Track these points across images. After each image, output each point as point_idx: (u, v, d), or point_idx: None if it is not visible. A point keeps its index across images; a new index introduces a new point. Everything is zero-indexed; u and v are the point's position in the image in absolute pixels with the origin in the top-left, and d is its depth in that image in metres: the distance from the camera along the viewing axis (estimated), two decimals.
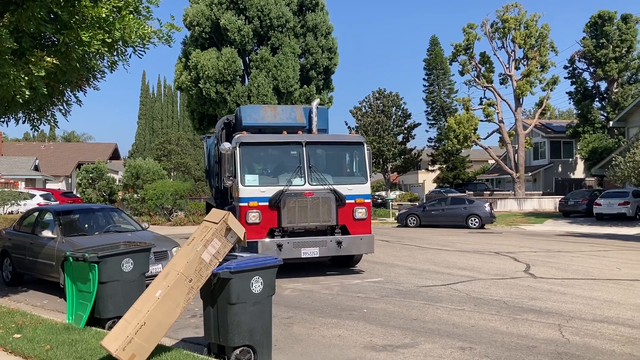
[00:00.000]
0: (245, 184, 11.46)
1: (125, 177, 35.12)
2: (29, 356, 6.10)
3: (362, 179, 12.30)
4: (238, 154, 11.58)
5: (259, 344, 6.08)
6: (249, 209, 11.36)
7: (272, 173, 12.15)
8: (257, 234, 11.26)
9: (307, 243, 11.58)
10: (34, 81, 8.36)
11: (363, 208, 12.05)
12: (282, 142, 12.11)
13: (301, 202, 11.46)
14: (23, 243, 11.42)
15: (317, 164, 11.97)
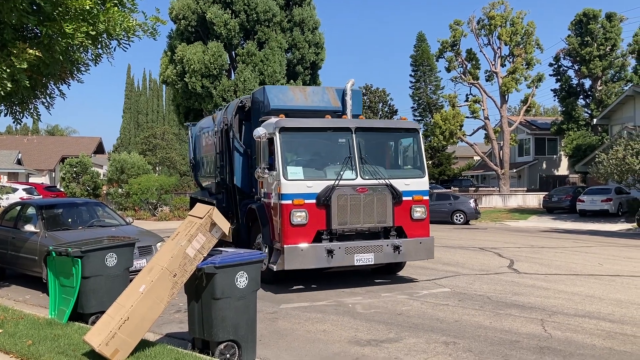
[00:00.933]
0: (289, 178, 9.69)
1: (109, 172, 34.81)
2: (10, 351, 6.04)
3: (419, 172, 10.67)
4: (278, 142, 9.82)
5: (243, 339, 6.07)
6: (295, 207, 9.61)
7: (316, 164, 10.38)
8: (302, 238, 9.63)
9: (362, 248, 9.86)
10: (16, 73, 8.25)
11: (422, 206, 10.42)
12: (329, 128, 10.35)
13: (354, 200, 9.83)
14: (5, 237, 11.28)
15: (368, 154, 10.31)
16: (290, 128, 10.05)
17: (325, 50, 32.50)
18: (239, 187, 12.09)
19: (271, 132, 9.98)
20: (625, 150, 23.58)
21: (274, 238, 10.02)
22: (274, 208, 9.96)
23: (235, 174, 12.08)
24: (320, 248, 9.62)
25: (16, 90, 8.78)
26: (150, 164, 40.33)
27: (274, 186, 9.91)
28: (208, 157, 15.00)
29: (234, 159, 12.12)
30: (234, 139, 12.15)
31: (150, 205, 30.12)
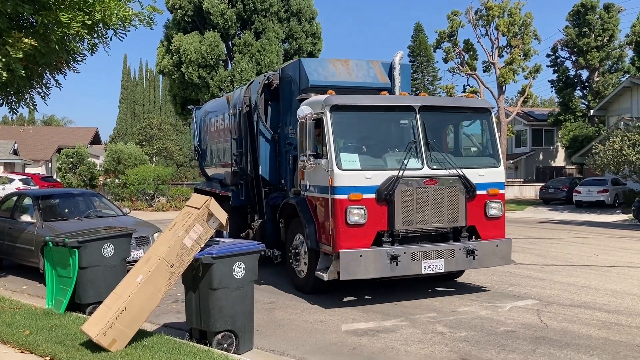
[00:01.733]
0: (343, 167, 8.04)
1: (106, 162, 34.73)
2: (7, 341, 6.05)
3: (493, 161, 9.04)
4: (329, 123, 8.18)
5: (240, 329, 6.10)
6: (351, 203, 7.93)
7: (374, 151, 8.74)
8: (360, 241, 7.96)
9: (430, 253, 8.20)
10: (11, 63, 8.20)
11: (498, 202, 8.81)
12: (390, 106, 8.78)
13: (421, 194, 8.21)
14: (2, 228, 11.26)
15: (434, 139, 8.71)
16: (344, 106, 8.37)
17: (322, 41, 32.41)
18: (265, 177, 10.56)
19: (319, 111, 8.32)
20: (622, 142, 23.61)
21: (322, 240, 8.35)
22: (322, 204, 8.35)
23: (261, 162, 10.50)
24: (382, 253, 7.93)
25: (12, 80, 8.73)
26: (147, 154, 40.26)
27: (323, 177, 8.25)
28: (218, 144, 13.66)
29: (259, 145, 10.53)
30: (259, 122, 10.55)
31: (147, 196, 30.10)
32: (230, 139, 12.20)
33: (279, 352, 6.27)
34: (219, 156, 13.61)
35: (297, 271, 9.08)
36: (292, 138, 9.68)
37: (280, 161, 10.40)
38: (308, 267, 8.69)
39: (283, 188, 10.21)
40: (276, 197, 10.37)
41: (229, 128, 12.36)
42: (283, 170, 10.23)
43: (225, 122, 12.72)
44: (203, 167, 15.02)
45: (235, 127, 11.76)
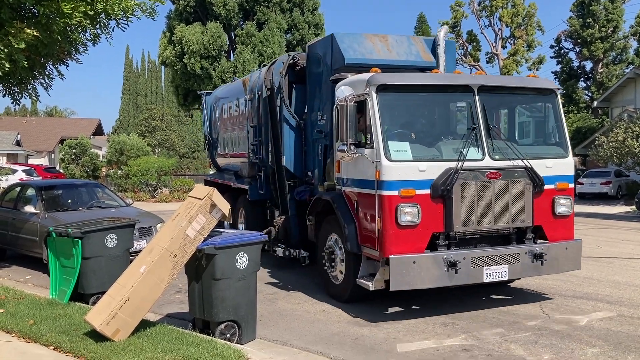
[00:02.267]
0: (393, 158, 6.88)
1: (109, 153, 34.75)
2: (12, 331, 6.09)
3: (561, 150, 7.92)
4: (375, 106, 7.03)
5: (243, 319, 6.12)
6: (403, 200, 6.79)
7: (426, 139, 7.63)
8: (413, 244, 6.85)
9: (492, 259, 7.10)
10: (13, 53, 8.21)
11: (567, 197, 7.72)
12: (445, 86, 7.63)
13: (483, 189, 7.07)
14: (5, 218, 11.30)
15: (497, 125, 7.81)
16: (392, 86, 7.22)
17: (325, 31, 32.30)
18: (289, 169, 9.57)
19: (362, 92, 7.23)
20: (626, 133, 23.53)
21: (365, 243, 7.25)
22: (365, 201, 7.22)
23: (284, 152, 9.51)
24: (439, 259, 6.84)
25: (14, 71, 8.74)
26: (150, 145, 40.25)
27: (367, 170, 7.12)
28: (231, 132, 12.72)
29: (282, 133, 9.54)
30: (283, 108, 9.55)
31: (150, 187, 30.14)
32: (246, 127, 11.30)
33: (281, 342, 6.30)
34: (232, 145, 12.68)
35: (331, 276, 8.00)
36: (322, 125, 8.73)
37: (306, 151, 9.48)
38: (346, 273, 7.63)
39: (310, 181, 9.32)
40: (303, 191, 9.34)
41: (244, 115, 11.50)
42: (310, 162, 9.34)
43: (241, 109, 11.87)
44: (214, 158, 14.13)
45: (253, 114, 10.85)
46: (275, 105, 9.69)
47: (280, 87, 9.54)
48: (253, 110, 10.83)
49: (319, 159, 8.90)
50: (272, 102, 9.75)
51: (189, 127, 58.63)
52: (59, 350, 5.50)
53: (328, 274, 8.07)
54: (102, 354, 5.21)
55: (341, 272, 7.76)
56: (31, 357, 5.34)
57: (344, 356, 5.83)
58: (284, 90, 9.51)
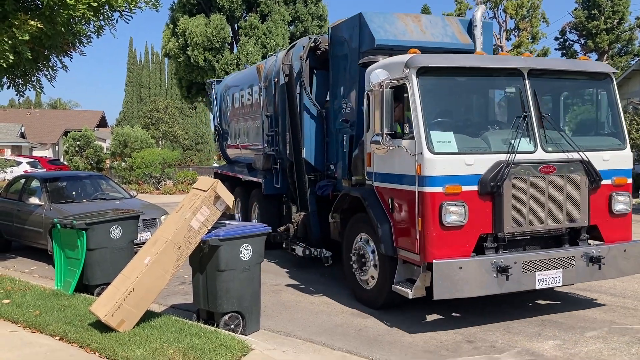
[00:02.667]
0: (436, 150, 6.17)
1: (112, 145, 34.80)
2: (18, 321, 6.13)
3: (617, 142, 7.19)
4: (415, 91, 6.29)
5: (247, 310, 6.16)
6: (448, 198, 6.11)
7: (471, 129, 6.87)
8: (458, 247, 6.18)
9: (545, 263, 6.40)
10: (17, 45, 8.21)
11: (625, 194, 6.99)
12: (492, 69, 6.78)
13: (536, 185, 6.40)
14: (10, 210, 11.35)
15: (549, 113, 6.93)
16: (435, 69, 6.46)
17: (328, 23, 32.17)
18: (310, 162, 8.99)
19: (400, 76, 6.45)
20: (631, 126, 23.44)
21: (402, 245, 6.55)
22: (403, 198, 6.51)
23: (305, 144, 8.95)
24: (488, 264, 6.15)
25: (18, 63, 8.75)
26: (153, 138, 40.30)
27: (405, 164, 6.41)
28: (243, 122, 12.17)
29: (303, 123, 8.97)
30: (303, 95, 8.98)
31: (154, 179, 30.19)
32: (261, 116, 10.72)
33: (285, 333, 6.33)
34: (245, 136, 12.09)
35: (360, 280, 7.32)
36: (348, 113, 8.15)
37: (328, 142, 8.87)
38: (379, 278, 6.96)
39: (332, 175, 8.73)
40: (325, 186, 8.76)
41: (258, 103, 10.90)
42: (332, 154, 8.74)
43: (254, 97, 11.28)
44: (224, 149, 13.55)
45: (268, 102, 10.24)
46: (295, 93, 9.10)
47: (301, 73, 8.95)
48: (268, 98, 10.28)
49: (343, 150, 8.27)
50: (291, 89, 9.15)
51: (193, 119, 58.65)
52: (64, 341, 5.54)
53: (357, 277, 7.38)
54: (107, 344, 5.25)
55: (373, 277, 7.08)
56: (37, 347, 5.39)
57: (347, 347, 5.86)
58: (304, 76, 8.91)
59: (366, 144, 7.18)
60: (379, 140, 6.42)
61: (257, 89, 11.03)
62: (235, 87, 12.75)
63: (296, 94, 9.09)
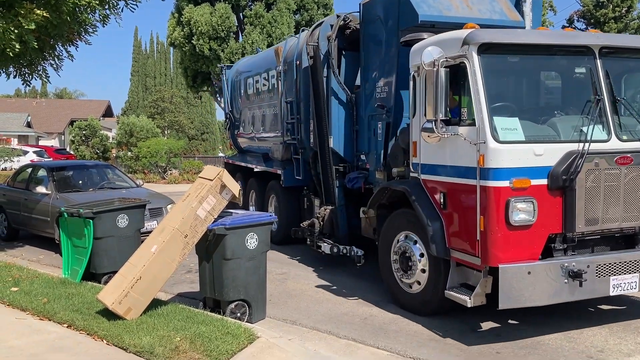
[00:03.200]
0: (501, 138, 5.49)
1: (118, 135, 34.88)
2: (26, 309, 6.18)
3: None
4: (476, 70, 5.59)
5: (253, 299, 6.19)
6: (515, 193, 5.43)
7: (537, 115, 6.14)
8: (526, 250, 5.52)
9: (621, 266, 5.74)
10: (23, 34, 8.22)
11: None
12: (560, 47, 6.00)
13: (611, 179, 5.73)
14: (17, 199, 11.42)
15: (624, 96, 6.21)
16: (498, 46, 5.72)
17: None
18: (338, 152, 8.39)
19: (458, 53, 5.72)
20: None
21: (458, 245, 5.86)
22: (461, 193, 5.82)
23: (333, 132, 8.34)
24: (557, 268, 5.50)
25: (24, 52, 8.76)
26: (159, 127, 40.34)
27: (463, 153, 5.72)
28: (258, 110, 11.51)
29: (330, 109, 8.34)
30: (332, 79, 8.31)
31: (160, 169, 30.26)
32: (279, 103, 10.09)
33: (291, 321, 6.36)
34: (260, 125, 11.45)
35: (403, 284, 6.62)
36: (384, 98, 7.47)
37: (358, 130, 8.22)
38: (428, 282, 6.28)
39: (363, 166, 8.11)
40: (356, 178, 8.10)
41: (276, 89, 10.30)
42: (363, 143, 8.11)
43: (271, 82, 10.67)
44: (236, 138, 12.99)
45: (288, 87, 9.65)
46: (321, 76, 8.43)
47: (329, 54, 8.28)
48: (288, 83, 9.66)
49: (377, 139, 7.62)
50: (316, 72, 8.50)
51: (198, 109, 58.64)
52: (72, 328, 5.59)
53: (397, 280, 6.69)
54: (115, 332, 5.29)
55: (419, 281, 6.39)
56: (46, 335, 5.43)
57: (353, 335, 5.88)
58: (333, 57, 8.25)
59: (411, 132, 6.48)
60: (431, 127, 5.68)
61: (274, 73, 10.42)
62: (248, 72, 12.14)
63: (322, 78, 8.43)
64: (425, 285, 6.33)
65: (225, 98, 13.36)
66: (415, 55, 6.32)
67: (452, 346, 5.60)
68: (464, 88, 5.79)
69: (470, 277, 5.90)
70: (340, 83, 8.28)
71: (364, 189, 7.96)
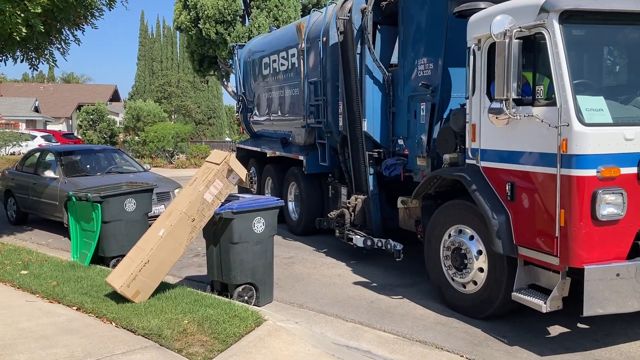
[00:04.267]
0: (587, 121, 4.79)
1: (125, 119, 34.96)
2: (36, 291, 6.25)
3: None
4: (559, 42, 4.88)
5: (260, 282, 6.22)
6: (603, 183, 4.80)
7: (622, 93, 5.49)
8: (613, 248, 4.90)
9: None
10: (30, 18, 8.21)
11: None
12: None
13: None
14: (26, 183, 11.49)
15: None
16: (582, 13, 4.95)
17: None
18: (372, 137, 7.75)
19: (534, 22, 4.99)
20: None
21: (528, 242, 5.18)
22: (534, 183, 5.09)
23: (367, 115, 7.68)
24: None
25: (31, 36, 8.75)
26: (166, 112, 40.39)
27: (539, 137, 5.01)
28: (276, 91, 10.83)
29: (365, 89, 7.68)
30: (367, 56, 7.64)
31: (167, 153, 30.34)
32: (300, 84, 9.47)
33: (298, 305, 6.40)
34: (278, 107, 10.79)
35: (455, 282, 6.00)
36: (428, 77, 6.80)
37: (394, 113, 7.56)
38: (487, 281, 5.63)
39: (401, 152, 7.45)
40: (393, 165, 7.40)
41: (297, 68, 9.61)
42: (401, 126, 7.44)
43: (290, 61, 10.01)
44: (249, 122, 12.30)
45: (312, 67, 9.07)
46: (353, 54, 7.77)
47: (364, 29, 7.56)
48: (312, 62, 9.06)
49: (419, 122, 6.97)
50: (347, 49, 7.84)
51: (205, 93, 58.54)
52: (81, 311, 5.65)
53: (448, 279, 6.08)
54: (123, 314, 5.34)
55: (476, 281, 5.76)
56: (56, 317, 5.49)
57: (359, 319, 5.91)
58: (369, 32, 7.51)
59: (470, 113, 5.75)
60: (499, 108, 5.05)
61: (295, 51, 9.68)
62: (263, 51, 11.44)
63: (355, 55, 7.74)
64: (483, 285, 5.67)
65: (237, 80, 12.62)
66: (475, 26, 5.66)
67: (457, 329, 5.61)
68: (540, 63, 5.10)
69: (541, 277, 5.27)
70: (376, 60, 7.58)
71: (403, 176, 7.32)
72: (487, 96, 5.50)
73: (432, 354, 5.04)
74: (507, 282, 5.41)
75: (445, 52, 6.48)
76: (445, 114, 6.62)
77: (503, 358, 4.96)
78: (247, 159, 12.13)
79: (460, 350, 5.10)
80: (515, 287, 5.29)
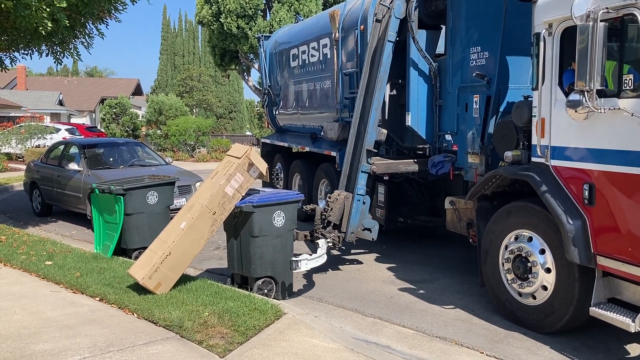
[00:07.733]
0: None
1: (148, 113, 35.30)
2: (60, 282, 6.36)
3: None
4: None
5: (280, 276, 6.25)
6: None
7: None
8: None
9: None
10: (55, 12, 8.32)
11: None
12: None
13: None
14: (51, 175, 11.68)
15: None
16: None
17: None
18: (417, 132, 7.39)
19: (623, 3, 4.41)
20: None
21: (609, 251, 4.63)
22: (623, 185, 4.51)
23: (411, 108, 7.29)
24: None
25: (56, 30, 8.87)
26: (187, 106, 40.68)
27: (627, 134, 4.45)
28: (306, 84, 10.31)
29: (410, 81, 7.30)
30: (412, 46, 7.25)
31: (188, 147, 30.57)
32: (332, 76, 8.97)
33: (317, 299, 6.42)
34: (307, 100, 10.29)
35: (516, 292, 5.45)
36: (482, 66, 6.38)
37: (441, 106, 7.12)
38: (555, 292, 5.08)
39: (448, 148, 7.05)
40: (441, 162, 6.94)
41: (329, 60, 9.13)
42: (448, 120, 7.00)
43: (322, 52, 9.51)
44: (274, 116, 11.86)
45: (346, 57, 8.61)
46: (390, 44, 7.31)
47: (410, 18, 7.09)
48: (347, 52, 8.59)
49: (472, 116, 6.49)
50: (383, 40, 7.39)
51: (226, 87, 58.85)
52: (104, 302, 5.73)
53: (508, 288, 5.54)
54: (145, 306, 5.40)
55: (541, 292, 5.19)
56: (79, 307, 5.58)
57: (378, 314, 5.91)
58: (413, 20, 7.09)
59: (539, 106, 5.21)
60: (580, 100, 4.54)
61: (327, 41, 9.18)
62: (290, 42, 10.91)
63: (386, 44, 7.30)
64: (551, 297, 5.11)
65: (263, 72, 12.15)
66: (545, 9, 5.10)
67: (478, 326, 5.58)
68: (629, 49, 4.56)
69: (623, 291, 4.68)
70: (421, 50, 7.12)
71: (452, 174, 6.86)
72: (559, 87, 5.00)
73: (451, 350, 5.02)
74: (579, 295, 4.87)
75: (503, 39, 6.02)
76: (502, 107, 6.22)
77: (524, 355, 4.92)
78: (273, 155, 11.82)
79: (481, 347, 5.07)
80: (593, 302, 4.74)
